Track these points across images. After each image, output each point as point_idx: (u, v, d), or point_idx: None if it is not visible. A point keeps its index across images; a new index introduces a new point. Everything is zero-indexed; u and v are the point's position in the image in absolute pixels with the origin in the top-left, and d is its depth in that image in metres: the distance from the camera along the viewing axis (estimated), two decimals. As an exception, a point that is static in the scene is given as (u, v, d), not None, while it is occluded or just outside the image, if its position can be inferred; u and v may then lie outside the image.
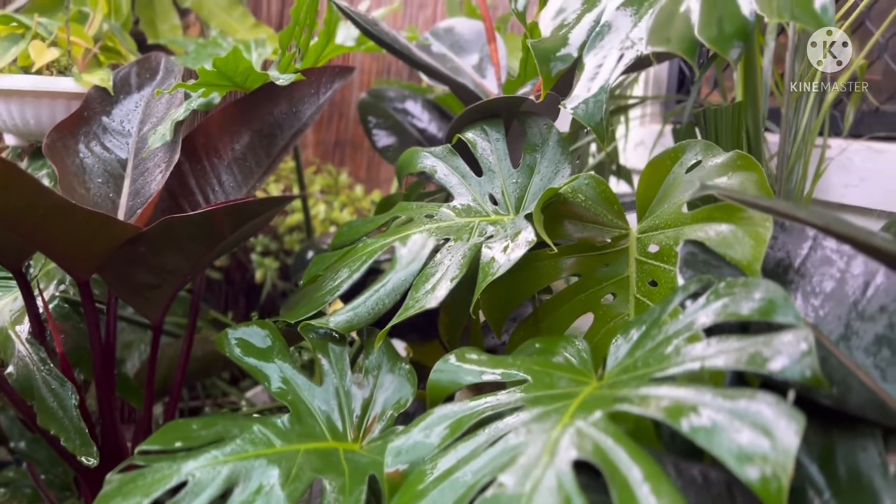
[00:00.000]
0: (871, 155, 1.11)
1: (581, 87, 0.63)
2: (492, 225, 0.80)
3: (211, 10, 1.44)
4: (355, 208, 1.76)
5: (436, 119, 1.22)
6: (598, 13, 0.67)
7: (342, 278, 0.75)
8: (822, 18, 0.42)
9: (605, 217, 0.78)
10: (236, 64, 0.80)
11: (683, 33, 0.48)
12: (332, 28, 1.01)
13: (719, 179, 0.69)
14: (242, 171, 0.93)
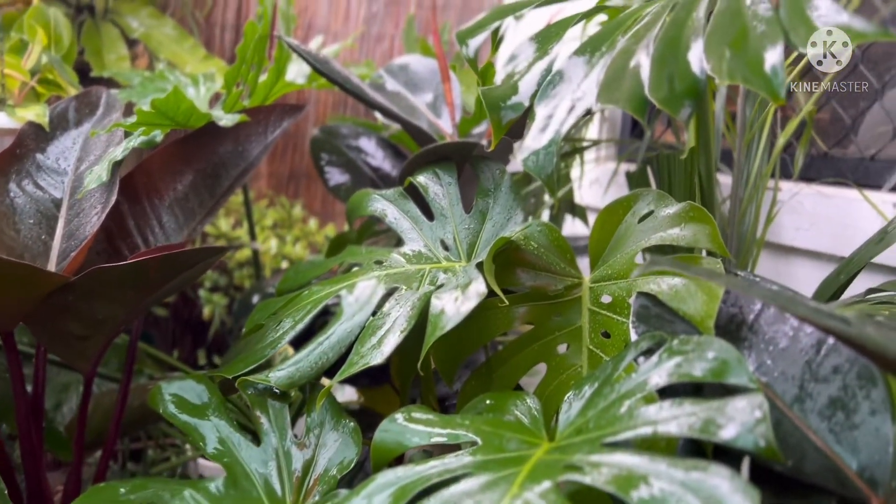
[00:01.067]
0: (821, 199, 1.12)
1: (531, 137, 0.62)
2: (443, 272, 0.77)
3: (160, 42, 1.41)
4: (308, 242, 1.72)
5: (390, 157, 1.19)
6: (549, 61, 0.66)
7: (285, 329, 0.71)
8: (773, 81, 0.41)
9: (558, 265, 0.76)
10: (177, 104, 0.76)
11: (633, 92, 0.47)
12: (281, 65, 0.99)
13: (672, 230, 0.68)
14: (184, 212, 0.89)
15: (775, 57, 0.42)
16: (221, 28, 1.75)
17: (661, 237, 0.69)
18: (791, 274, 1.20)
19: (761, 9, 0.47)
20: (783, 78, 0.41)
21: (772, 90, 0.40)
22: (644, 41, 0.54)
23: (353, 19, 1.92)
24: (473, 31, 0.74)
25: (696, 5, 0.53)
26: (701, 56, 0.46)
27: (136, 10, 1.44)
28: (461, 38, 0.74)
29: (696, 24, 0.51)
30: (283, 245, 1.64)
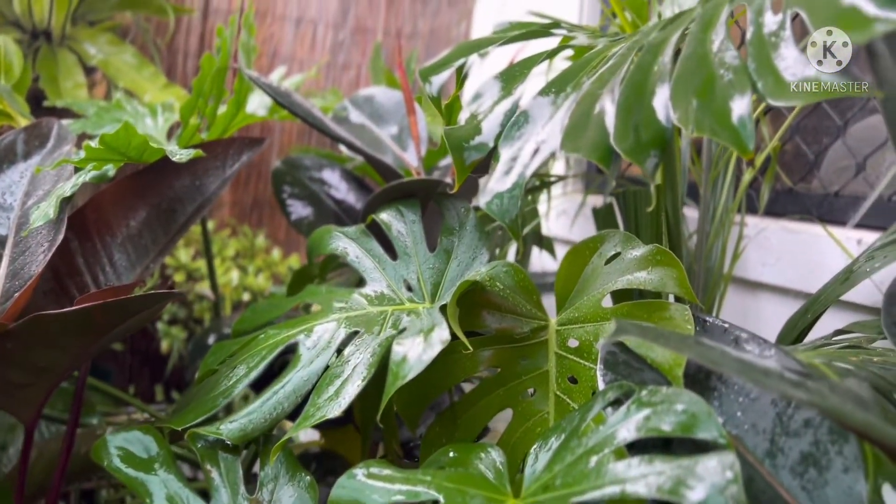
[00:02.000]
0: (787, 235, 1.12)
1: (495, 180, 0.60)
2: (407, 314, 0.75)
3: (119, 69, 1.37)
4: (272, 273, 1.68)
5: (354, 189, 1.17)
6: (513, 102, 0.65)
7: (239, 376, 0.68)
8: (742, 133, 0.40)
9: (524, 307, 0.74)
10: (128, 139, 0.73)
11: (598, 140, 0.45)
12: (242, 97, 0.96)
13: (639, 274, 0.67)
14: (137, 250, 0.86)
15: (743, 108, 0.41)
16: (184, 55, 1.72)
17: (628, 280, 0.67)
18: (758, 309, 1.19)
19: (728, 56, 0.46)
20: (752, 130, 0.40)
21: (740, 144, 0.39)
22: (609, 85, 0.53)
23: (320, 47, 1.90)
24: (437, 68, 0.72)
25: (663, 49, 0.52)
26: (667, 104, 0.45)
27: (94, 36, 1.40)
28: (424, 76, 0.73)
29: (663, 68, 0.50)
30: (245, 276, 1.60)
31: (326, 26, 1.90)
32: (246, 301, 1.59)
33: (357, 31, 1.94)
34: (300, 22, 1.87)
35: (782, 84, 0.40)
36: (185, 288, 1.58)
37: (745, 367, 0.31)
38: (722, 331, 0.62)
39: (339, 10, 1.91)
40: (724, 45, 0.47)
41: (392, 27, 1.97)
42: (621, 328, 0.32)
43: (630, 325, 0.33)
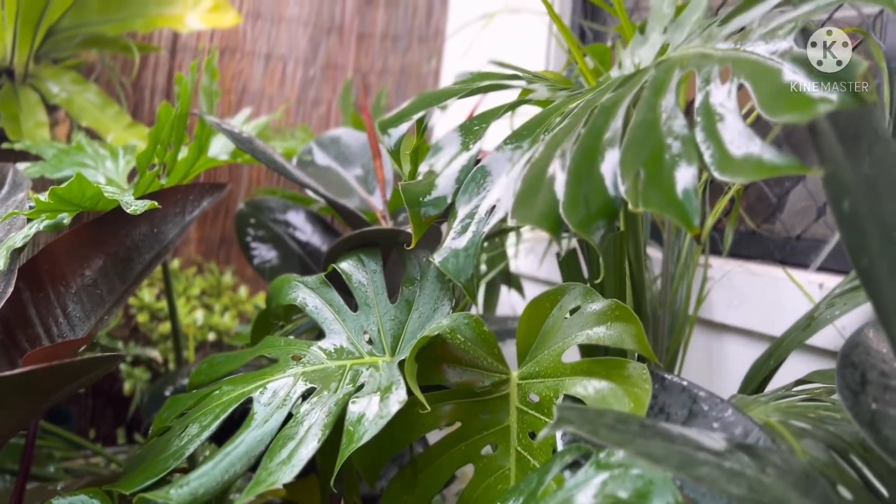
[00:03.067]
0: (750, 277, 1.13)
1: (451, 237, 0.60)
2: (366, 368, 0.74)
3: (82, 108, 1.36)
4: (238, 311, 1.66)
5: (319, 232, 1.16)
6: (470, 157, 0.64)
7: (191, 435, 0.66)
8: (687, 209, 0.39)
9: (485, 360, 0.73)
10: (81, 191, 0.72)
11: (548, 210, 0.45)
12: (203, 142, 0.95)
13: (598, 329, 0.67)
14: (92, 300, 0.84)
15: (689, 181, 0.41)
16: (151, 91, 1.71)
17: (587, 335, 0.67)
18: (724, 351, 1.20)
19: (676, 125, 0.46)
20: (697, 205, 0.39)
21: (686, 219, 0.39)
22: (561, 148, 0.53)
23: (289, 84, 1.90)
24: (395, 120, 0.72)
25: (615, 112, 0.52)
26: (616, 173, 0.45)
27: (58, 74, 1.39)
28: (383, 128, 0.72)
29: (614, 134, 0.50)
30: (211, 315, 1.57)
31: (296, 63, 1.90)
32: (211, 341, 1.56)
33: (327, 67, 1.95)
34: (269, 58, 1.87)
35: (728, 158, 0.40)
36: (149, 328, 1.55)
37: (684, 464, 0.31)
38: (680, 389, 0.61)
39: (310, 46, 1.92)
40: (673, 113, 0.47)
41: (363, 64, 1.98)
42: (562, 419, 0.31)
43: (573, 414, 0.32)
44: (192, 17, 1.45)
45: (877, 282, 0.39)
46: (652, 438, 0.32)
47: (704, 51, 0.52)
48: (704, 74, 0.48)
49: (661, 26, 0.85)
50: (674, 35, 0.83)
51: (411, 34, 2.02)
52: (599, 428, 0.30)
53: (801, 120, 0.36)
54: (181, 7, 1.45)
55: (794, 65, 0.39)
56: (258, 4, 1.84)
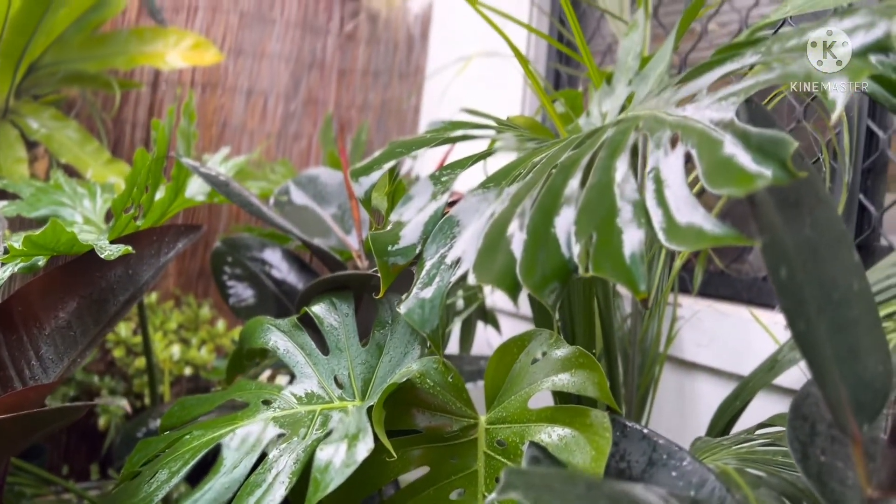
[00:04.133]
0: (719, 317, 1.15)
1: (417, 288, 0.61)
2: (336, 412, 0.75)
3: (62, 144, 1.37)
4: (216, 345, 1.66)
5: (295, 270, 1.17)
6: (437, 207, 0.66)
7: (160, 482, 0.67)
8: (634, 273, 0.41)
9: (454, 404, 0.75)
10: (56, 237, 0.73)
11: (505, 270, 0.47)
12: (180, 183, 0.97)
13: (562, 376, 0.68)
14: (65, 342, 0.84)
15: (636, 246, 0.43)
16: (132, 125, 1.72)
17: (552, 382, 0.69)
18: (694, 390, 1.21)
19: (628, 189, 0.48)
20: (643, 270, 0.41)
21: (633, 284, 0.41)
22: (522, 205, 0.55)
23: (271, 118, 1.92)
24: (367, 169, 0.73)
25: (573, 171, 0.54)
26: (570, 234, 0.47)
27: (38, 111, 1.40)
28: (355, 176, 0.74)
29: (570, 194, 0.51)
30: (188, 349, 1.57)
31: (277, 97, 1.92)
32: (188, 375, 1.56)
33: (308, 102, 1.97)
34: (251, 93, 1.89)
35: (674, 226, 0.42)
36: (125, 362, 1.55)
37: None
38: (640, 436, 0.63)
39: (291, 81, 1.94)
40: (626, 177, 0.49)
41: (344, 99, 2.01)
42: (508, 484, 0.32)
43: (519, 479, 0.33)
44: (174, 56, 1.47)
45: (813, 345, 0.41)
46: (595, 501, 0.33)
47: (658, 114, 0.54)
48: (656, 139, 0.50)
49: (627, 78, 0.88)
50: (639, 87, 0.85)
51: (392, 70, 2.05)
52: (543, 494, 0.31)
53: (738, 194, 0.38)
54: (163, 45, 1.47)
55: (735, 137, 0.42)
56: (240, 41, 1.87)
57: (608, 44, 1.56)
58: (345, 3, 1.98)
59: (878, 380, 0.45)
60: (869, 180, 1.04)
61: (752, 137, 0.40)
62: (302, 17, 1.94)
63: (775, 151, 0.38)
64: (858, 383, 0.44)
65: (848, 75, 0.37)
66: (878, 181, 1.04)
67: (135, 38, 1.47)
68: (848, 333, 0.45)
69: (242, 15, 1.86)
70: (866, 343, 0.45)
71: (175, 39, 1.49)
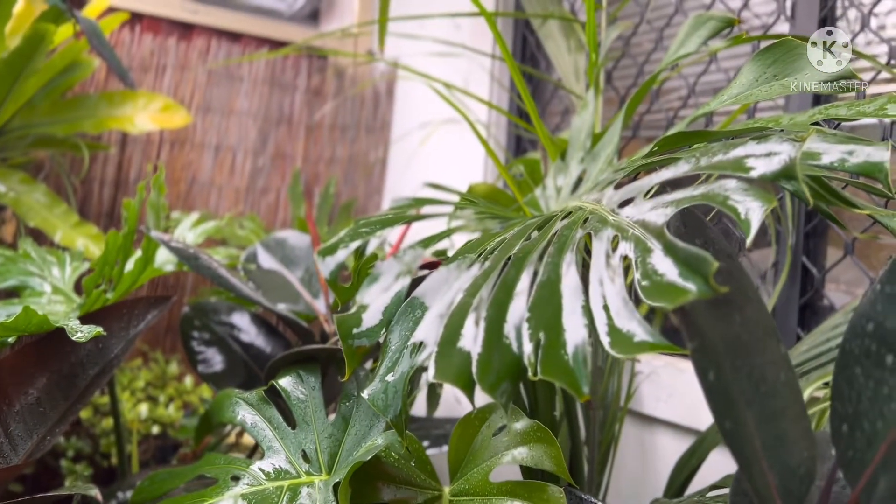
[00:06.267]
0: (676, 373, 1.20)
1: (381, 372, 0.64)
2: (304, 486, 0.77)
3: (30, 208, 1.38)
4: (183, 402, 1.66)
5: (263, 334, 1.19)
6: (398, 290, 0.69)
7: (130, 565, 0.68)
8: (577, 376, 0.45)
9: (419, 477, 0.77)
10: (28, 320, 0.75)
11: (462, 370, 0.50)
12: (149, 255, 0.99)
13: (521, 449, 0.71)
14: (35, 418, 0.85)
15: (580, 348, 0.46)
16: (100, 183, 1.73)
17: (512, 456, 0.72)
18: (654, 443, 1.25)
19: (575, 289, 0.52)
20: (587, 373, 0.45)
21: (576, 387, 0.44)
22: (478, 296, 0.58)
23: (239, 173, 1.95)
24: (332, 249, 0.76)
25: (525, 265, 0.58)
26: (522, 332, 0.50)
27: (6, 175, 1.41)
28: (321, 255, 0.77)
29: (522, 289, 0.55)
30: (156, 407, 1.57)
31: (246, 153, 1.96)
32: (155, 434, 1.56)
33: (276, 156, 2.00)
34: (219, 149, 1.92)
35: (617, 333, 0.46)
36: (92, 422, 1.54)
37: None
38: (595, 510, 0.66)
39: (259, 137, 1.97)
40: (572, 275, 0.53)
41: (311, 154, 2.04)
42: None
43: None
44: (143, 118, 1.50)
45: (741, 439, 0.45)
46: None
47: (602, 213, 0.58)
48: (600, 238, 0.54)
49: (579, 156, 0.93)
50: (590, 166, 0.90)
51: (359, 125, 2.10)
52: None
53: (668, 307, 0.42)
54: (132, 108, 1.50)
55: (664, 250, 0.46)
56: (208, 99, 1.90)
57: (565, 105, 1.62)
58: (312, 60, 2.03)
59: (804, 466, 0.49)
60: (811, 243, 1.10)
61: (679, 252, 0.44)
62: (269, 73, 1.98)
63: (699, 268, 0.42)
64: (785, 470, 0.48)
65: (761, 202, 0.42)
66: (820, 243, 1.10)
67: (104, 101, 1.50)
68: (775, 423, 0.49)
69: (210, 73, 1.90)
70: (793, 432, 0.49)
71: (144, 102, 1.52)
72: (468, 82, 1.70)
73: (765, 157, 0.45)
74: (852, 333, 0.48)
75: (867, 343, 0.47)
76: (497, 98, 1.71)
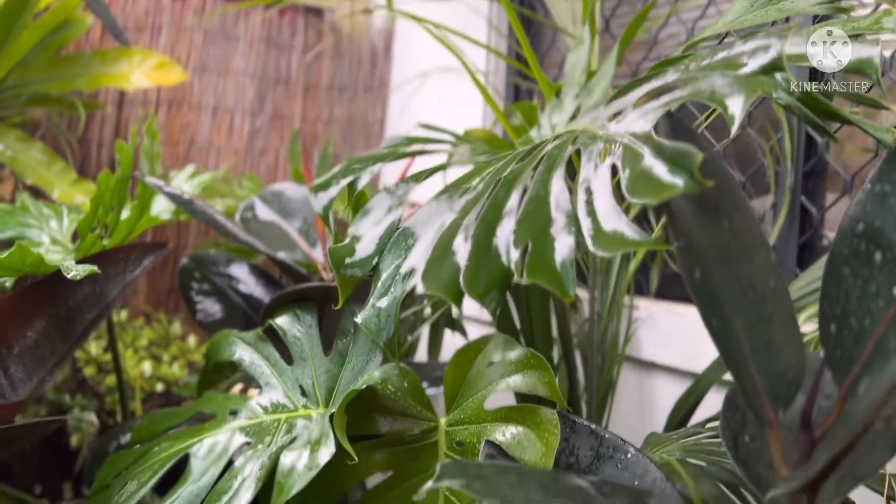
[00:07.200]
0: (674, 318, 1.20)
1: (374, 297, 0.64)
2: (301, 419, 0.77)
3: (27, 165, 1.38)
4: (187, 361, 1.67)
5: (262, 284, 1.19)
6: (391, 221, 0.69)
7: (129, 493, 0.69)
8: (564, 278, 0.45)
9: (415, 409, 0.77)
10: (22, 259, 0.75)
11: (451, 280, 0.50)
12: (145, 202, 0.99)
13: (515, 377, 0.72)
14: (34, 360, 0.86)
15: (567, 254, 0.46)
16: (98, 145, 1.73)
17: (506, 384, 0.72)
18: (652, 388, 1.26)
19: (563, 200, 0.52)
20: (572, 275, 0.45)
21: (562, 289, 0.44)
22: (468, 218, 0.58)
23: (237, 134, 1.94)
24: (325, 185, 0.76)
25: (515, 185, 0.58)
26: (510, 246, 0.50)
27: (2, 133, 1.41)
28: (314, 191, 0.77)
29: (511, 208, 0.55)
30: (159, 366, 1.58)
31: (244, 114, 1.95)
32: (160, 391, 1.57)
33: (275, 117, 1.99)
34: (217, 110, 1.91)
35: (601, 233, 0.46)
36: (97, 380, 1.56)
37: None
38: (588, 432, 0.66)
39: (257, 98, 1.96)
40: (561, 190, 0.53)
41: (309, 114, 2.03)
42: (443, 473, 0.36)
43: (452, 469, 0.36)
44: (138, 76, 1.49)
45: (728, 340, 0.45)
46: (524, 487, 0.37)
47: (592, 130, 0.58)
48: (589, 153, 0.54)
49: (574, 92, 0.92)
50: (585, 101, 0.90)
51: (357, 85, 2.08)
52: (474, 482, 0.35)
53: (653, 202, 0.42)
54: (127, 65, 1.49)
55: (652, 151, 0.45)
56: (205, 59, 1.89)
57: (563, 55, 1.61)
58: (308, 18, 2.01)
59: (792, 371, 0.49)
60: (810, 182, 1.10)
61: (666, 150, 0.44)
62: (266, 33, 1.97)
63: (684, 163, 0.42)
64: (774, 374, 0.48)
65: (745, 92, 0.41)
66: (818, 183, 1.10)
67: (98, 59, 1.49)
68: (764, 329, 0.49)
69: (206, 33, 1.88)
70: (781, 337, 0.49)
71: (139, 59, 1.51)
72: (466, 28, 1.69)
73: (754, 54, 0.44)
74: (842, 235, 0.48)
75: (856, 243, 0.47)
76: (495, 44, 1.69)
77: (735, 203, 0.53)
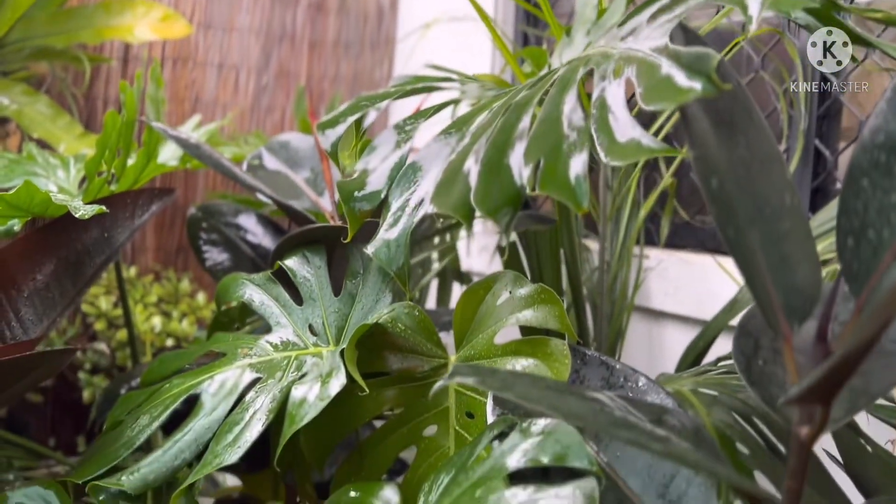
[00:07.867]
0: (684, 266, 1.19)
1: (384, 229, 0.64)
2: (311, 356, 0.77)
3: (33, 119, 1.37)
4: (197, 317, 1.68)
5: (270, 234, 1.19)
6: (401, 154, 0.69)
7: (142, 426, 0.69)
8: (577, 192, 0.44)
9: (425, 346, 0.77)
10: (30, 197, 0.75)
11: (461, 199, 0.49)
12: (152, 148, 0.98)
13: (525, 312, 0.71)
14: (44, 303, 0.86)
15: (580, 168, 0.45)
16: (104, 102, 1.72)
17: (516, 319, 0.72)
18: (662, 336, 1.25)
19: (576, 118, 0.51)
20: (586, 188, 0.44)
21: (575, 201, 0.44)
22: (479, 143, 0.57)
23: (243, 92, 1.92)
24: (332, 122, 0.76)
25: (526, 109, 0.57)
26: (521, 164, 0.50)
27: (8, 86, 1.40)
28: (321, 129, 0.76)
29: (523, 129, 0.54)
30: (169, 322, 1.59)
31: (249, 71, 1.93)
32: (170, 346, 1.58)
33: (280, 75, 1.97)
34: (222, 67, 1.89)
35: (615, 144, 0.45)
36: (107, 335, 1.57)
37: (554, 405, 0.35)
38: (598, 362, 0.66)
39: (262, 55, 1.94)
40: (574, 108, 0.52)
41: (315, 71, 2.01)
42: (456, 371, 0.35)
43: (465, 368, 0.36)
44: (142, 28, 1.47)
45: (744, 251, 0.44)
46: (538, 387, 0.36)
47: (606, 50, 0.57)
48: (602, 71, 0.53)
49: (585, 28, 0.90)
50: (596, 36, 0.88)
51: (363, 41, 2.06)
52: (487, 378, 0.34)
53: (670, 106, 0.41)
54: (130, 17, 1.48)
55: (669, 59, 0.44)
56: (209, 14, 1.86)
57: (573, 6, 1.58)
58: (313, -26, 1.98)
59: (809, 285, 0.48)
60: (824, 126, 1.08)
61: (682, 57, 0.43)
62: (270, -11, 1.94)
63: (701, 66, 0.41)
64: (790, 289, 0.47)
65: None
66: (832, 127, 1.08)
67: (102, 11, 1.47)
68: (780, 244, 0.48)
69: (210, -12, 1.85)
70: (797, 253, 0.49)
71: (143, 11, 1.49)
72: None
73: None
74: (861, 149, 0.47)
75: (876, 154, 0.46)
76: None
77: (751, 118, 0.51)
